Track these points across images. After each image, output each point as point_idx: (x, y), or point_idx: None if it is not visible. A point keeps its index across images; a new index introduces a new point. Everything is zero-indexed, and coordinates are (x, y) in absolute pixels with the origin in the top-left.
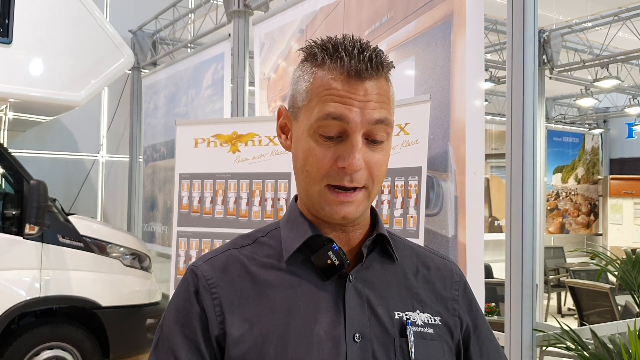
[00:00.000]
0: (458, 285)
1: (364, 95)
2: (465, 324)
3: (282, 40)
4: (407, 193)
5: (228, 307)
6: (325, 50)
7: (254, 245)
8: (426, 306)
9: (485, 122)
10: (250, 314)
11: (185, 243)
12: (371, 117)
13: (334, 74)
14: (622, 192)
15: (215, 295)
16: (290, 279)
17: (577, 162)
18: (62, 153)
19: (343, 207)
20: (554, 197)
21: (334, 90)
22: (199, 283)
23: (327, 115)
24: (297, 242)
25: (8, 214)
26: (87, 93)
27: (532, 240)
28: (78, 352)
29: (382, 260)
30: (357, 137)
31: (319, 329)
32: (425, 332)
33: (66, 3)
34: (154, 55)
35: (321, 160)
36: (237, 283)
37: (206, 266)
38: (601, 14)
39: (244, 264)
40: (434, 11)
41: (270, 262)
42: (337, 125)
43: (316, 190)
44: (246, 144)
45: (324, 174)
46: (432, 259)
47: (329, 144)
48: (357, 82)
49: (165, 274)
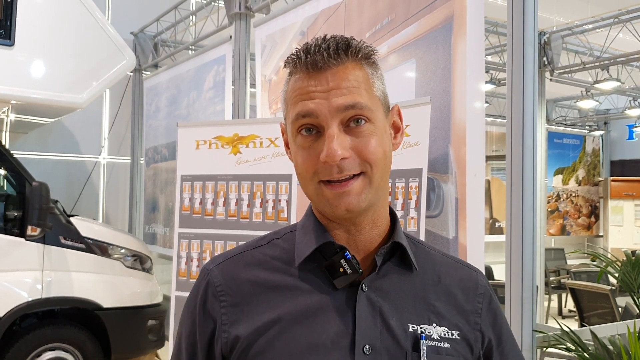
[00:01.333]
0: (482, 298)
1: (326, 85)
2: (488, 339)
3: (283, 43)
4: (407, 194)
5: (236, 314)
6: (294, 56)
7: (268, 247)
8: (444, 319)
9: (485, 124)
10: (258, 320)
11: (186, 244)
12: (338, 104)
13: (298, 75)
14: (623, 194)
15: (223, 304)
16: (300, 286)
17: (578, 163)
18: (63, 155)
19: (342, 199)
20: (554, 199)
21: (298, 89)
22: (209, 290)
23: (297, 115)
24: (309, 249)
25: (10, 216)
26: (88, 95)
27: (532, 241)
28: (79, 353)
29: (399, 269)
30: (331, 127)
31: (325, 338)
32: (441, 346)
33: (68, 5)
34: (155, 57)
35: (306, 160)
36: (247, 289)
37: (217, 271)
38: (601, 16)
39: (255, 268)
40: (435, 14)
41: (282, 266)
42: (310, 122)
43: (312, 190)
44: (247, 145)
45: (312, 172)
46: (457, 269)
47: (309, 142)
48: (316, 74)
49: (167, 276)
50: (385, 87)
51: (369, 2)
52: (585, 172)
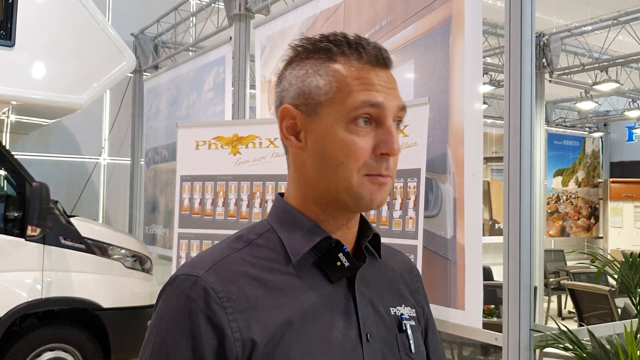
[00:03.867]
0: (417, 278)
1: (389, 82)
2: (426, 314)
3: (283, 44)
4: (406, 194)
5: (246, 320)
6: (340, 44)
7: (251, 248)
8: (406, 300)
9: (485, 125)
10: (272, 324)
11: (186, 245)
12: (399, 103)
13: (358, 64)
14: (623, 195)
15: (229, 310)
16: (300, 284)
17: (578, 165)
18: (64, 155)
19: (380, 193)
20: (554, 201)
21: (364, 78)
22: (207, 297)
23: (365, 102)
24: (306, 245)
25: (10, 216)
26: (89, 96)
27: (529, 241)
28: (79, 353)
29: (371, 258)
30: (390, 122)
31: (336, 332)
32: (412, 324)
33: (69, 6)
34: (155, 58)
35: (360, 150)
36: (250, 292)
37: (211, 277)
38: (600, 18)
39: (250, 269)
40: (433, 15)
41: (276, 266)
42: (374, 113)
43: (355, 182)
44: (247, 146)
45: (362, 163)
46: (396, 254)
47: (365, 132)
48: (381, 70)
49: (166, 276)
50: None
51: (368, 3)
52: (585, 174)
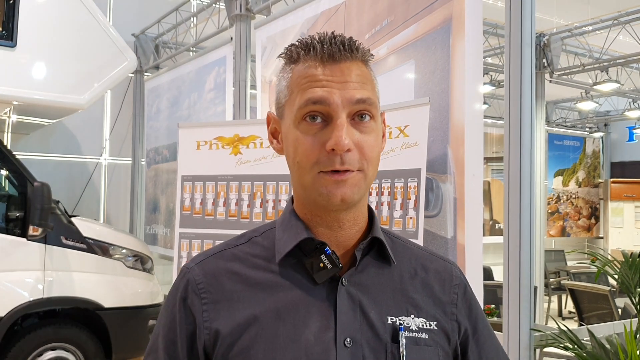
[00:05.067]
0: (457, 289)
1: (341, 76)
2: (464, 328)
3: (283, 44)
4: (406, 194)
5: (217, 311)
6: (300, 46)
7: (247, 245)
8: (422, 311)
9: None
10: (240, 317)
11: (187, 244)
12: (351, 96)
13: (309, 63)
14: (623, 196)
15: (205, 300)
16: (281, 282)
17: (578, 165)
18: (65, 156)
19: (339, 188)
20: (554, 201)
21: (310, 76)
22: (189, 287)
23: (307, 101)
24: (289, 245)
25: (12, 216)
26: (90, 96)
27: (529, 242)
28: (81, 353)
29: (377, 263)
30: (341, 117)
31: (308, 333)
32: (419, 337)
33: (70, 7)
34: (156, 58)
35: (310, 148)
36: (228, 286)
37: (197, 269)
38: (601, 18)
39: (235, 265)
40: (434, 15)
41: (262, 263)
42: (320, 109)
43: (309, 180)
44: (248, 146)
45: (314, 161)
46: (432, 261)
47: (314, 130)
48: (332, 65)
49: (168, 276)
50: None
51: (369, 4)
52: (586, 174)
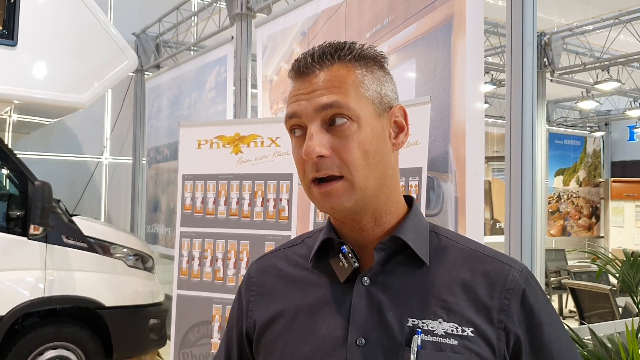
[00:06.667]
0: (511, 294)
1: (308, 87)
2: (515, 338)
3: (284, 43)
4: (407, 193)
5: (259, 303)
6: None
7: (299, 246)
8: (454, 315)
9: (486, 124)
10: (272, 310)
11: (188, 243)
12: (317, 103)
13: (291, 81)
14: (624, 195)
15: (252, 293)
16: (311, 279)
17: (579, 164)
18: (66, 155)
19: (326, 199)
20: (555, 200)
21: (290, 94)
22: (245, 281)
23: (286, 116)
24: (316, 245)
25: (13, 215)
26: (91, 95)
27: (530, 241)
28: (81, 352)
29: (408, 263)
30: (311, 126)
31: (324, 329)
32: (445, 342)
33: (71, 6)
34: (157, 58)
35: (298, 161)
36: (270, 282)
37: (255, 265)
38: (602, 17)
39: (282, 263)
40: (435, 14)
41: (302, 262)
42: (296, 122)
43: (305, 189)
44: (248, 145)
45: (302, 172)
46: (485, 263)
47: (299, 142)
48: (303, 80)
49: (168, 275)
50: (384, 88)
51: (370, 3)
52: (586, 173)
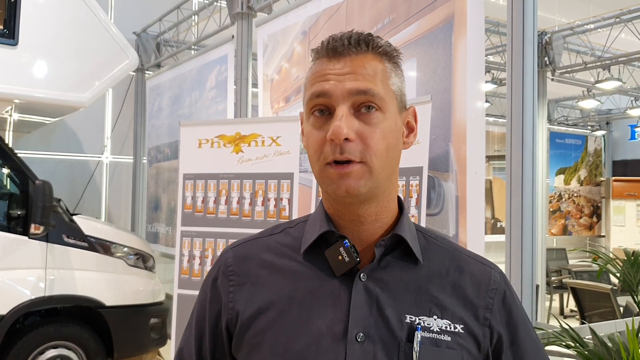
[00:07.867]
0: (495, 294)
1: (341, 69)
2: (497, 335)
3: (285, 42)
4: (408, 192)
5: (241, 293)
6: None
7: (280, 235)
8: (447, 312)
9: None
10: (260, 301)
11: (188, 242)
12: (351, 87)
13: (319, 60)
14: (625, 194)
15: (232, 282)
16: (303, 271)
17: (580, 163)
18: (66, 154)
19: (343, 181)
20: (556, 199)
21: (316, 72)
22: (220, 269)
23: (312, 95)
24: (313, 236)
25: (13, 214)
26: (91, 94)
27: (531, 240)
28: (82, 351)
29: (403, 261)
30: (341, 108)
31: (321, 323)
32: (440, 339)
33: (71, 5)
34: (158, 57)
35: (316, 141)
36: (254, 271)
37: (231, 253)
38: (603, 16)
39: (265, 252)
40: (435, 13)
41: (289, 252)
42: (323, 102)
43: (317, 172)
44: (249, 144)
45: (320, 152)
46: (470, 264)
47: (320, 123)
48: (335, 59)
49: (169, 274)
50: (403, 87)
51: (370, 2)
52: (587, 172)
